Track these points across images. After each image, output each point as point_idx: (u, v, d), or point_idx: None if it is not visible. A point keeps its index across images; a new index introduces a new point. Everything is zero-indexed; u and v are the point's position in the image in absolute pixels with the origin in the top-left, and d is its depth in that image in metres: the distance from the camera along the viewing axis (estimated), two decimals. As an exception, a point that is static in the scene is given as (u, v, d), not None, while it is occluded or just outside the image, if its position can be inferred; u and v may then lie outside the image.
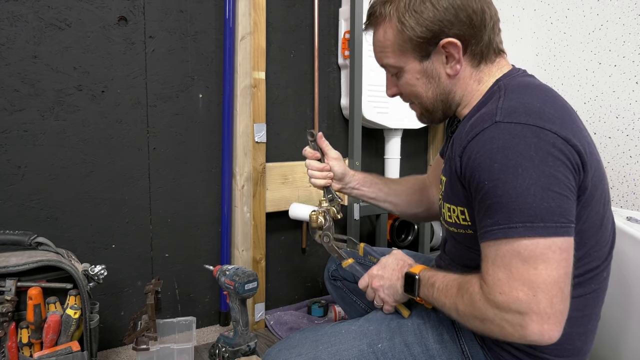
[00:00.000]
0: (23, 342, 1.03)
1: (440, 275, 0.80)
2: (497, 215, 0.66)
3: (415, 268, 0.86)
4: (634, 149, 1.43)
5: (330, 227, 1.08)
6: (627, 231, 1.06)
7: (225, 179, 1.55)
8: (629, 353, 1.07)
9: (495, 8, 0.83)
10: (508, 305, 0.64)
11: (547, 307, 0.62)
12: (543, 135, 0.66)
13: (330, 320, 1.66)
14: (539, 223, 0.63)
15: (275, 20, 1.64)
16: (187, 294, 1.58)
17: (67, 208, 1.33)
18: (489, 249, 0.68)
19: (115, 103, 1.38)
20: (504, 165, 0.66)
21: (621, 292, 1.07)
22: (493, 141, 0.68)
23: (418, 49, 0.81)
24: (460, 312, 0.73)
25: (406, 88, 0.87)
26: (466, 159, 0.72)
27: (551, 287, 0.63)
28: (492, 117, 0.70)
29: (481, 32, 0.79)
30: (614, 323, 1.10)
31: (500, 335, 0.67)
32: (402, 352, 0.84)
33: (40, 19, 1.25)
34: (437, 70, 0.82)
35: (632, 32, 1.43)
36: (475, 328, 0.72)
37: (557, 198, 0.64)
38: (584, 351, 0.80)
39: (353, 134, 1.72)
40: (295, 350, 0.86)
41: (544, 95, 0.73)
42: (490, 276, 0.67)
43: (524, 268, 0.63)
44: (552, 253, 0.63)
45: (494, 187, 0.66)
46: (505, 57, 0.86)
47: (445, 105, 0.86)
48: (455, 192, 0.79)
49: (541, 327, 0.62)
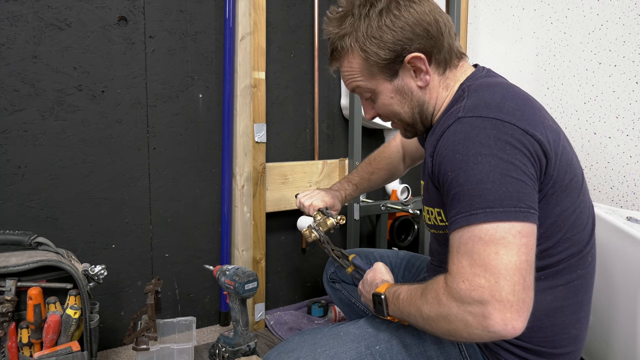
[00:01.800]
0: (23, 342, 1.03)
1: (405, 287, 0.79)
2: (460, 204, 0.68)
3: (380, 287, 0.85)
4: (634, 149, 1.43)
5: (325, 240, 1.11)
6: (627, 231, 1.06)
7: (225, 179, 1.55)
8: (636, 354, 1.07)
9: (447, 15, 0.86)
10: (470, 293, 0.63)
11: (509, 294, 0.62)
12: (502, 127, 0.69)
13: (330, 320, 1.66)
14: (498, 208, 0.65)
15: (275, 20, 1.64)
16: (187, 294, 1.58)
17: (67, 208, 1.33)
18: (453, 238, 0.69)
19: (115, 103, 1.38)
20: (464, 154, 0.68)
21: (621, 292, 1.07)
22: (456, 134, 0.71)
23: (386, 70, 0.84)
24: (424, 315, 0.71)
25: (383, 109, 0.90)
26: (435, 156, 0.75)
27: (513, 273, 0.63)
28: (455, 114, 0.74)
29: (440, 41, 0.82)
30: (615, 323, 1.10)
31: (465, 333, 0.66)
32: (400, 353, 0.84)
33: (40, 19, 1.25)
34: (408, 86, 0.85)
35: (632, 32, 1.43)
36: (442, 330, 0.69)
37: (515, 183, 0.66)
38: (581, 338, 0.81)
39: (353, 134, 1.72)
40: (294, 353, 0.86)
41: (505, 91, 0.76)
42: (455, 265, 0.67)
43: (485, 253, 0.64)
44: (512, 237, 0.64)
45: (456, 177, 0.69)
46: (466, 60, 0.89)
47: (423, 116, 0.89)
48: (432, 194, 0.82)
49: (504, 315, 0.62)
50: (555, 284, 0.77)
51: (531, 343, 0.77)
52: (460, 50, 0.87)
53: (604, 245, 1.08)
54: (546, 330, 0.77)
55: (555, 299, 0.77)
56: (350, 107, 1.72)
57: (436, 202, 0.81)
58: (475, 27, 1.97)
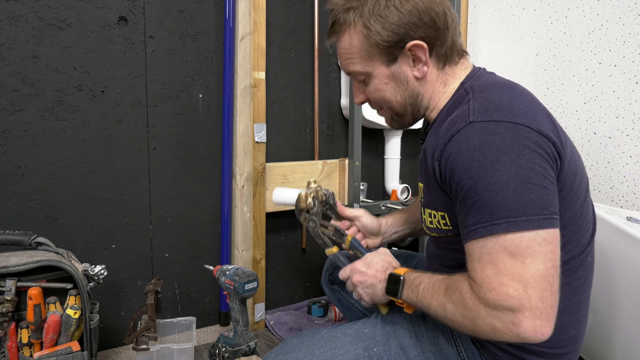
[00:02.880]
0: (23, 342, 1.03)
1: (427, 276, 0.79)
2: (480, 214, 0.66)
3: (400, 270, 0.85)
4: (634, 149, 1.43)
5: (317, 212, 1.06)
6: (627, 231, 1.06)
7: (225, 179, 1.55)
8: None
9: (455, 12, 0.84)
10: (499, 302, 0.63)
11: (538, 301, 0.62)
12: (517, 130, 0.67)
13: (330, 320, 1.66)
14: (521, 217, 0.64)
15: (275, 20, 1.64)
16: (187, 294, 1.58)
17: (67, 208, 1.33)
18: (473, 247, 0.68)
19: (115, 103, 1.38)
20: (481, 162, 0.66)
21: (621, 292, 1.07)
22: (469, 140, 0.69)
23: (385, 53, 0.81)
24: (448, 312, 0.71)
25: (375, 94, 0.87)
26: (444, 161, 0.72)
27: (540, 281, 0.62)
28: (465, 118, 0.71)
29: (445, 34, 0.81)
30: (615, 323, 1.10)
31: (491, 335, 0.66)
32: (398, 355, 0.84)
33: (40, 19, 1.25)
34: (404, 74, 0.83)
35: (632, 32, 1.43)
36: (464, 328, 0.70)
37: (537, 190, 0.65)
38: (579, 338, 0.81)
39: (353, 134, 1.72)
40: (292, 355, 0.86)
41: (511, 91, 0.75)
42: (478, 274, 0.66)
43: (511, 263, 0.63)
44: (538, 245, 0.63)
45: (473, 185, 0.67)
46: (467, 57, 0.87)
47: (414, 108, 0.87)
48: (435, 198, 0.80)
49: (534, 323, 0.62)
50: None
51: (531, 345, 0.77)
52: (462, 48, 0.86)
53: (604, 245, 1.08)
54: None
55: None
56: (350, 107, 1.72)
57: (441, 205, 0.80)
58: (475, 27, 1.97)
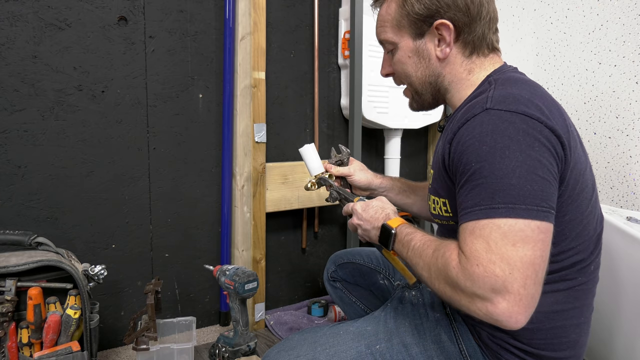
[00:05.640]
0: (23, 342, 1.03)
1: (419, 235, 0.80)
2: (480, 196, 0.67)
3: (393, 221, 0.86)
4: (634, 149, 1.43)
5: (331, 187, 1.13)
6: (627, 231, 1.06)
7: (225, 179, 1.55)
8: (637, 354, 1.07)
9: (495, 7, 0.85)
10: (483, 279, 0.63)
11: (521, 287, 0.62)
12: (531, 123, 0.68)
13: (330, 320, 1.66)
14: (520, 205, 0.64)
15: (275, 20, 1.64)
16: (187, 294, 1.58)
17: (67, 208, 1.33)
18: (468, 224, 0.68)
19: (115, 103, 1.38)
20: (492, 147, 0.67)
21: (622, 292, 1.07)
22: (483, 125, 0.70)
23: (414, 26, 0.84)
24: (432, 274, 0.72)
25: (398, 66, 0.90)
26: (455, 143, 0.74)
27: (527, 267, 0.63)
28: (482, 104, 0.72)
29: (475, 23, 0.82)
30: (616, 323, 1.10)
31: (466, 308, 0.66)
32: (400, 352, 0.84)
33: (40, 19, 1.25)
34: (428, 51, 0.85)
35: (632, 32, 1.43)
36: (443, 293, 0.70)
37: (540, 182, 0.66)
38: (581, 343, 0.81)
39: (353, 134, 1.72)
40: (294, 352, 0.86)
41: (533, 89, 0.75)
42: (468, 246, 0.66)
43: (503, 243, 0.64)
44: (531, 232, 0.64)
45: (480, 169, 0.68)
46: (499, 55, 0.88)
47: (434, 88, 0.88)
48: (439, 183, 0.82)
49: (511, 307, 0.62)
50: (557, 288, 0.77)
51: (531, 346, 0.77)
52: (495, 44, 0.86)
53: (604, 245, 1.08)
54: (546, 333, 0.77)
55: (556, 302, 0.77)
56: (350, 107, 1.72)
57: (444, 191, 0.81)
58: (475, 27, 1.97)
